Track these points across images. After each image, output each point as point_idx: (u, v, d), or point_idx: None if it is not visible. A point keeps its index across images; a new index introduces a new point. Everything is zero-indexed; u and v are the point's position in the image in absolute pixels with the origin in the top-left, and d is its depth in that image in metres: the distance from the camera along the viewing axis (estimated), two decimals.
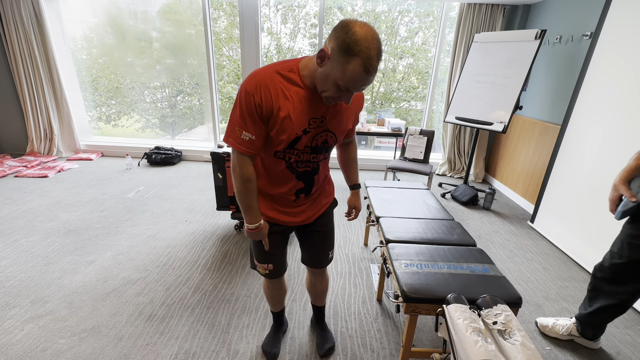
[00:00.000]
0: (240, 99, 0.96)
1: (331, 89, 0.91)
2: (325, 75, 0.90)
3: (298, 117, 0.98)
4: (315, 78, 0.94)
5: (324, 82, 0.91)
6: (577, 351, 1.59)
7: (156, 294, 1.86)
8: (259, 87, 0.94)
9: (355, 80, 0.86)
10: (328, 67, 0.88)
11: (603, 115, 2.22)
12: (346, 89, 0.89)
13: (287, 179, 1.12)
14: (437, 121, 4.41)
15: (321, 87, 0.93)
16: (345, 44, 0.83)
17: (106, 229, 2.54)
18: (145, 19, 4.31)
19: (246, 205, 1.09)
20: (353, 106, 1.12)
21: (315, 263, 1.39)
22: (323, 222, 1.30)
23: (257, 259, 1.29)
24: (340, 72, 0.86)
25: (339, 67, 0.85)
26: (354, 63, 0.83)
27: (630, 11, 2.08)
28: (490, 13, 3.56)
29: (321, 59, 0.89)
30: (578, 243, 2.36)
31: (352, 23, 0.83)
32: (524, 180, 3.36)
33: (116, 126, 5.13)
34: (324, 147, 1.10)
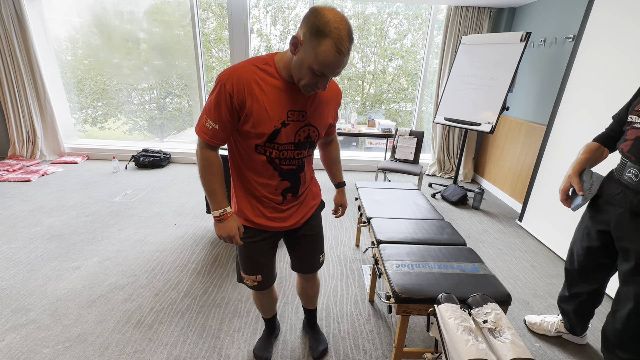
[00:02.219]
0: (214, 90, 0.96)
1: (307, 74, 0.90)
2: (300, 61, 0.90)
3: (274, 108, 0.97)
4: (291, 68, 0.94)
5: (299, 69, 0.91)
6: (565, 347, 1.62)
7: (144, 299, 1.82)
8: (232, 77, 0.93)
9: (329, 62, 0.86)
10: (302, 53, 0.88)
11: (587, 115, 2.28)
12: (321, 73, 0.89)
13: (271, 177, 1.08)
14: (426, 122, 4.46)
15: (297, 75, 0.93)
16: (315, 26, 0.84)
17: (92, 234, 2.47)
18: (131, 19, 4.24)
19: (208, 190, 1.06)
20: (332, 101, 1.12)
21: (306, 268, 1.37)
22: (311, 226, 1.28)
23: (244, 270, 1.22)
24: (314, 56, 0.86)
25: (311, 50, 0.86)
26: (325, 44, 0.84)
27: (610, 15, 2.14)
28: (477, 16, 3.63)
29: (294, 46, 0.89)
30: (564, 241, 2.41)
31: (321, 8, 0.85)
32: (512, 179, 3.42)
33: (103, 128, 5.03)
34: (307, 142, 1.08)
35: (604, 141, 1.34)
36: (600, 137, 1.36)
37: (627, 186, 1.18)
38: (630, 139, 1.17)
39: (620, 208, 1.21)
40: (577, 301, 1.51)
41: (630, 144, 1.17)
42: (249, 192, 1.12)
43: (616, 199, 1.23)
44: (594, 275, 1.43)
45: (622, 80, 2.02)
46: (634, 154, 1.15)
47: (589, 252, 1.40)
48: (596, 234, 1.35)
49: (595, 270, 1.42)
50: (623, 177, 1.20)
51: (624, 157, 1.21)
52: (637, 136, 1.15)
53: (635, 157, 1.15)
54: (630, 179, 1.17)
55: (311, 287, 1.45)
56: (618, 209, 1.23)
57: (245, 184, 1.12)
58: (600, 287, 1.45)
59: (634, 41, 1.96)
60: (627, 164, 1.18)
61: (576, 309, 1.53)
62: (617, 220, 1.24)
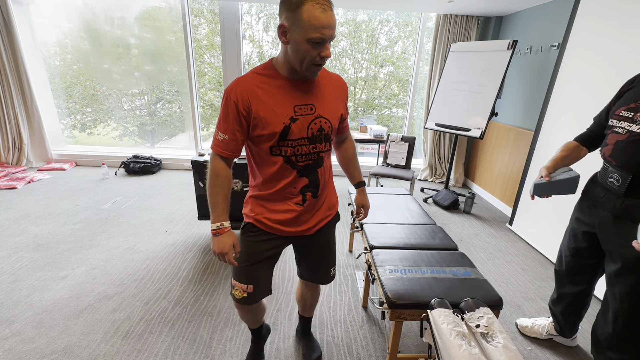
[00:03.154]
0: (222, 102, 1.01)
1: (306, 50, 0.90)
2: (295, 43, 0.91)
3: (280, 105, 0.99)
4: (289, 59, 0.96)
5: (297, 51, 0.92)
6: (556, 349, 1.64)
7: (134, 309, 1.78)
8: (236, 87, 0.98)
9: (319, 22, 0.86)
10: (293, 34, 0.90)
11: (572, 120, 2.34)
12: (318, 39, 0.88)
13: (289, 175, 1.07)
14: (417, 127, 4.51)
15: (298, 58, 0.93)
16: (290, 2, 0.87)
17: (80, 242, 2.42)
18: (122, 25, 4.21)
19: (212, 201, 1.05)
20: (337, 91, 1.13)
21: (317, 279, 1.33)
22: (325, 235, 1.25)
23: (236, 275, 1.15)
24: (304, 27, 0.87)
25: (299, 24, 0.87)
26: (307, 9, 0.85)
27: (593, 24, 2.21)
28: (465, 24, 3.71)
29: (283, 33, 0.92)
30: (553, 244, 2.45)
31: None
32: (502, 184, 3.47)
33: (92, 134, 4.95)
34: (321, 134, 1.06)
35: (583, 141, 1.38)
36: (580, 137, 1.40)
37: (610, 190, 1.21)
38: (611, 144, 1.19)
39: (604, 211, 1.24)
40: (565, 302, 1.54)
41: (611, 149, 1.19)
42: (264, 196, 1.11)
43: (600, 202, 1.26)
44: (581, 277, 1.45)
45: (605, 86, 2.08)
46: (615, 159, 1.18)
47: (576, 254, 1.43)
48: (582, 235, 1.38)
49: (582, 272, 1.44)
50: (606, 181, 1.23)
51: (605, 162, 1.23)
52: (617, 140, 1.17)
53: (616, 162, 1.17)
54: (612, 184, 1.20)
55: (312, 295, 1.43)
56: (602, 212, 1.25)
57: (260, 189, 1.12)
58: (587, 289, 1.47)
59: (615, 49, 2.03)
60: (608, 169, 1.21)
61: (564, 310, 1.56)
62: (601, 222, 1.26)
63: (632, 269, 1.17)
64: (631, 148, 1.12)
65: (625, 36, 1.97)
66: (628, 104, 1.16)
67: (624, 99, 1.20)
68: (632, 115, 1.13)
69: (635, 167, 1.11)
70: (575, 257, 1.44)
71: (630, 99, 1.16)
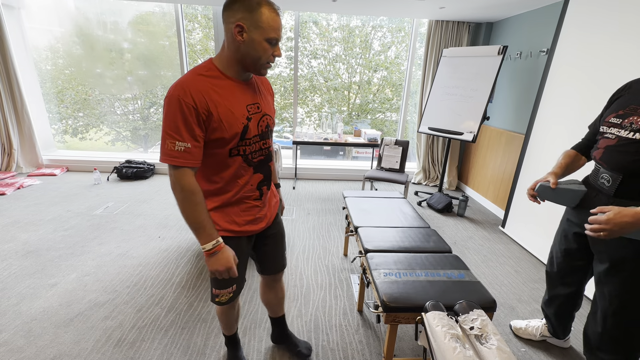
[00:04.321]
0: (170, 109, 0.91)
1: (263, 49, 0.95)
2: (251, 41, 0.94)
3: (236, 107, 1.00)
4: (240, 57, 0.97)
5: (253, 49, 0.95)
6: (550, 351, 1.65)
7: (126, 316, 1.75)
8: (188, 90, 0.91)
9: (275, 24, 0.94)
10: (251, 34, 0.93)
11: (562, 124, 2.39)
12: (274, 39, 0.96)
13: (247, 174, 1.09)
14: (411, 131, 4.55)
15: (254, 56, 0.96)
16: (247, 4, 0.91)
17: (71, 249, 2.38)
18: (115, 29, 4.20)
19: (196, 223, 0.97)
20: (269, 90, 1.22)
21: (277, 266, 1.38)
22: (277, 222, 1.32)
23: (218, 286, 1.16)
24: (262, 26, 0.92)
25: (258, 23, 0.92)
26: (265, 12, 0.92)
27: (580, 30, 2.27)
28: (457, 29, 3.77)
29: (240, 33, 0.93)
30: (545, 246, 2.48)
31: None
32: (494, 187, 3.51)
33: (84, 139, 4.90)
34: (267, 131, 1.14)
35: (581, 150, 1.40)
36: (578, 146, 1.42)
37: (600, 190, 1.23)
38: (602, 148, 1.23)
39: None
40: (557, 304, 1.55)
41: (602, 152, 1.23)
42: (226, 202, 1.09)
43: (590, 203, 1.28)
44: (572, 278, 1.47)
45: (592, 91, 2.13)
46: (605, 161, 1.21)
47: (567, 255, 1.45)
48: (573, 236, 1.40)
49: (573, 273, 1.46)
50: (597, 182, 1.26)
51: (597, 164, 1.27)
52: (607, 145, 1.21)
53: (606, 164, 1.21)
54: (603, 184, 1.23)
55: (279, 288, 1.45)
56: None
57: (219, 196, 1.08)
58: (578, 290, 1.49)
59: (602, 54, 2.08)
60: (599, 170, 1.25)
61: (556, 312, 1.57)
62: None
63: (620, 268, 1.19)
64: (621, 152, 1.15)
65: (609, 43, 2.02)
66: (617, 111, 1.20)
67: (613, 107, 1.24)
68: (620, 121, 1.17)
69: (626, 168, 1.14)
70: (566, 258, 1.46)
71: (619, 106, 1.21)
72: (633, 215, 1.00)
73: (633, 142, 1.12)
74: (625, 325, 1.23)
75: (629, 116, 1.15)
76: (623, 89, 1.25)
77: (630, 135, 1.13)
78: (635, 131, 1.11)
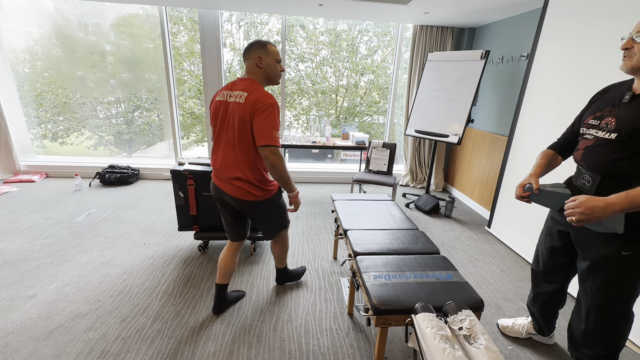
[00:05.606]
0: (273, 111, 1.47)
1: (277, 68, 1.59)
2: (269, 65, 1.56)
3: None
4: (266, 76, 1.58)
5: (272, 69, 1.57)
6: (536, 348, 1.69)
7: (109, 327, 1.70)
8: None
9: (276, 51, 1.59)
10: (266, 60, 1.55)
11: (542, 126, 2.46)
12: (279, 60, 1.60)
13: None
14: (398, 134, 4.61)
15: (274, 74, 1.59)
16: (260, 45, 1.55)
17: (50, 258, 2.29)
18: (97, 31, 4.09)
19: (289, 178, 1.56)
20: None
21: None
22: None
23: (286, 220, 1.83)
24: (271, 54, 1.56)
25: (269, 53, 1.56)
26: (270, 46, 1.56)
27: (558, 36, 2.35)
28: (441, 34, 3.85)
29: (260, 61, 1.54)
30: (530, 245, 2.55)
31: (250, 43, 1.57)
32: (480, 188, 3.59)
33: (64, 144, 4.74)
34: None
35: (558, 149, 1.45)
36: (554, 145, 1.47)
37: (581, 190, 1.27)
38: (581, 149, 1.28)
39: None
40: (542, 301, 1.59)
41: (582, 153, 1.27)
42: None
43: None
44: (556, 275, 1.51)
45: (570, 94, 2.21)
46: (585, 162, 1.25)
47: (551, 252, 1.49)
48: (557, 234, 1.44)
49: (558, 270, 1.50)
50: (578, 182, 1.30)
51: (578, 165, 1.31)
52: (586, 146, 1.25)
53: (586, 165, 1.25)
54: (583, 184, 1.27)
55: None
56: None
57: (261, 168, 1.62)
58: (561, 287, 1.53)
59: (578, 58, 2.16)
60: (581, 171, 1.29)
61: (541, 309, 1.61)
62: None
63: (601, 265, 1.23)
64: (599, 151, 1.19)
65: (584, 49, 2.10)
66: (595, 113, 1.25)
67: (592, 109, 1.29)
68: (598, 123, 1.22)
69: (603, 168, 1.18)
70: (551, 255, 1.50)
71: (597, 108, 1.26)
72: (602, 200, 1.07)
73: (609, 142, 1.16)
74: (607, 321, 1.27)
75: (606, 117, 1.19)
76: (602, 91, 1.30)
77: (606, 136, 1.17)
78: (610, 132, 1.16)
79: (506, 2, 2.79)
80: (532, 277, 1.64)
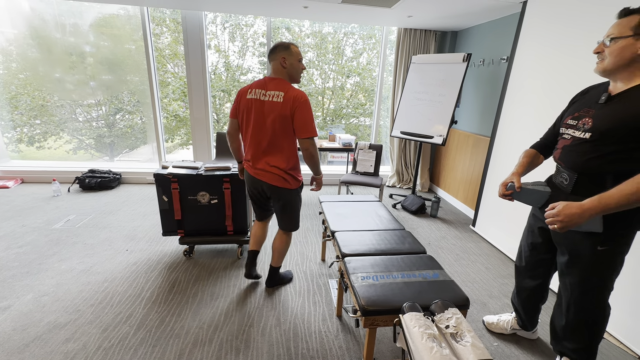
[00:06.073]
0: (309, 106, 1.68)
1: (300, 66, 1.75)
2: (292, 65, 1.73)
3: None
4: (291, 76, 1.75)
5: (295, 68, 1.74)
6: (520, 343, 1.73)
7: (90, 337, 1.63)
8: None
9: (298, 51, 1.75)
10: (289, 60, 1.71)
11: (523, 126, 2.54)
12: (301, 59, 1.76)
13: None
14: (384, 135, 4.65)
15: (298, 72, 1.76)
16: (284, 47, 1.72)
17: (26, 267, 2.19)
18: (75, 32, 3.97)
19: (320, 165, 1.84)
20: None
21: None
22: None
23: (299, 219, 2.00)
24: (294, 54, 1.72)
25: (292, 54, 1.72)
26: (292, 47, 1.72)
27: (536, 39, 2.43)
28: (424, 37, 3.93)
29: (284, 61, 1.70)
30: (512, 242, 2.61)
31: (275, 44, 1.73)
32: (464, 187, 3.66)
33: (41, 148, 4.56)
34: None
35: (539, 148, 1.49)
36: (537, 145, 1.51)
37: (560, 189, 1.32)
38: (560, 148, 1.32)
39: None
40: (524, 296, 1.63)
41: (560, 152, 1.32)
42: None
43: (552, 201, 1.37)
44: (538, 271, 1.56)
45: (550, 94, 2.29)
46: (563, 161, 1.30)
47: (533, 248, 1.53)
48: (538, 230, 1.48)
49: (539, 266, 1.54)
50: (557, 180, 1.34)
51: (557, 164, 1.35)
52: (564, 145, 1.30)
53: (564, 163, 1.29)
54: (561, 183, 1.31)
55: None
56: None
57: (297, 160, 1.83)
58: (544, 282, 1.57)
59: (557, 59, 2.24)
60: (559, 169, 1.33)
61: (524, 304, 1.65)
62: None
63: (578, 259, 1.27)
64: (575, 151, 1.24)
65: (562, 51, 2.18)
66: (573, 114, 1.30)
67: (571, 110, 1.34)
68: (575, 123, 1.26)
69: (580, 167, 1.22)
70: (533, 252, 1.54)
71: (575, 109, 1.31)
72: (578, 207, 1.10)
73: (585, 141, 1.20)
74: (585, 315, 1.32)
75: (583, 118, 1.24)
76: (581, 93, 1.35)
77: (582, 136, 1.21)
78: (586, 131, 1.20)
79: (486, 7, 2.87)
80: (515, 273, 1.68)
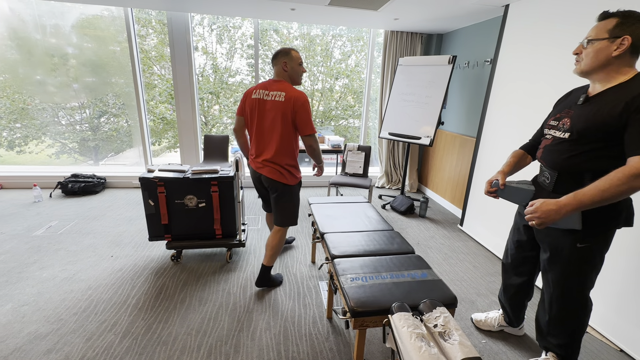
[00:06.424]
0: (309, 105, 1.80)
1: (300, 69, 1.88)
2: (293, 69, 1.86)
3: None
4: (292, 79, 1.88)
5: (297, 72, 1.87)
6: (507, 340, 1.76)
7: (73, 347, 1.58)
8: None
9: (299, 56, 1.87)
10: (290, 64, 1.85)
11: (507, 126, 2.59)
12: (301, 63, 1.89)
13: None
14: (373, 137, 4.69)
15: (299, 75, 1.89)
16: (285, 52, 1.85)
17: (5, 276, 2.11)
18: (57, 33, 3.87)
19: (322, 156, 2.00)
20: None
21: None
22: None
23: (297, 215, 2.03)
24: (295, 59, 1.86)
25: (293, 58, 1.85)
26: (293, 52, 1.86)
27: (517, 42, 2.50)
28: (411, 40, 3.98)
29: (285, 66, 1.84)
30: (499, 241, 2.66)
31: (278, 50, 1.87)
32: (452, 187, 3.72)
33: (22, 152, 4.42)
34: None
35: (528, 149, 1.53)
36: (525, 146, 1.55)
37: (543, 187, 1.35)
38: (542, 147, 1.36)
39: None
40: (511, 293, 1.67)
41: (542, 152, 1.35)
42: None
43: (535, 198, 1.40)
44: (523, 268, 1.59)
45: (532, 96, 2.35)
46: (544, 160, 1.33)
47: (518, 246, 1.56)
48: (523, 228, 1.52)
49: (525, 263, 1.58)
50: (540, 179, 1.38)
51: (540, 164, 1.39)
52: (545, 145, 1.33)
53: (545, 162, 1.33)
54: (543, 181, 1.34)
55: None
56: None
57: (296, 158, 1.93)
58: (529, 279, 1.61)
59: (539, 60, 2.30)
60: (542, 168, 1.37)
61: (510, 301, 1.68)
62: None
63: (558, 256, 1.31)
64: (555, 150, 1.27)
65: (544, 52, 2.25)
66: (555, 115, 1.34)
67: (554, 111, 1.38)
68: (557, 124, 1.30)
69: (560, 165, 1.26)
70: (519, 249, 1.57)
71: (557, 110, 1.35)
72: (555, 203, 1.13)
73: (564, 141, 1.24)
74: (567, 310, 1.35)
75: (563, 118, 1.27)
76: (565, 95, 1.39)
77: (561, 135, 1.25)
78: (565, 131, 1.24)
79: (470, 10, 2.93)
80: (502, 270, 1.71)
